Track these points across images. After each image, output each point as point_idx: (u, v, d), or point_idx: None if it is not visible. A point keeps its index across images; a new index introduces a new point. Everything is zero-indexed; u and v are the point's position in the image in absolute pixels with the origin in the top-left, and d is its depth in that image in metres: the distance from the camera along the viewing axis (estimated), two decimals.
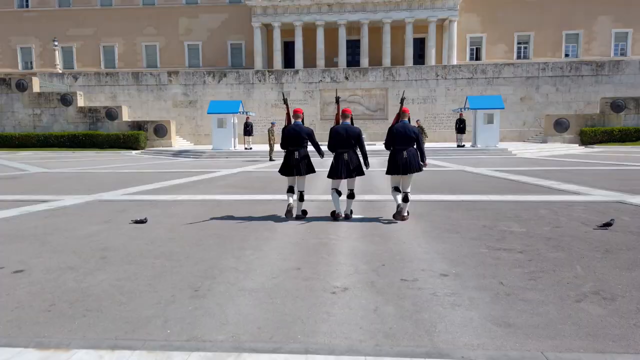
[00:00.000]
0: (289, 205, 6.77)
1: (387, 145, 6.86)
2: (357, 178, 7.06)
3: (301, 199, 7.05)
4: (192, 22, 45.74)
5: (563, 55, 42.54)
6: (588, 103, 31.64)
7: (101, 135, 29.52)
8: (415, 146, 6.80)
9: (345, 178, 6.82)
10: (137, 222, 6.70)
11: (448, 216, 7.05)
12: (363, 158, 6.94)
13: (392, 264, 4.64)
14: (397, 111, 7.10)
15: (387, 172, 6.84)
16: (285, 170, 7.01)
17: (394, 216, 6.70)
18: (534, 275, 4.25)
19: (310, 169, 7.04)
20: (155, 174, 14.80)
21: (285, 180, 7.35)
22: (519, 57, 43.00)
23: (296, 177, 7.02)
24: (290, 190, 6.97)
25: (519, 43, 43.52)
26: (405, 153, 6.65)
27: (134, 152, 28.18)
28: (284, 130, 7.10)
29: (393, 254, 5.00)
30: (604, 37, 42.22)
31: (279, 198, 9.04)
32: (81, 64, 46.56)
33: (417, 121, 20.44)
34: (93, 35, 46.66)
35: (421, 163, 6.79)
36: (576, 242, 5.45)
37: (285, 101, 7.71)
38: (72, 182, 12.41)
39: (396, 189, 6.81)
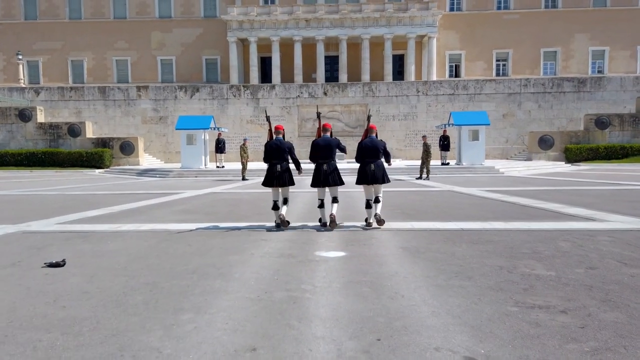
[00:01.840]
0: (280, 216, 7.30)
1: (357, 159, 7.56)
2: (338, 203, 7.62)
3: (285, 202, 7.52)
4: (165, 37, 44.27)
5: (541, 72, 42.41)
6: (570, 120, 31.13)
7: (62, 153, 27.55)
8: (382, 159, 7.56)
9: (324, 186, 7.41)
10: (51, 265, 5.14)
11: (451, 253, 5.67)
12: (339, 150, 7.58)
13: (390, 336, 3.21)
14: (370, 127, 7.76)
15: (357, 182, 7.57)
16: (268, 182, 7.48)
17: (367, 225, 7.41)
18: (601, 359, 2.87)
19: (291, 181, 7.53)
20: (110, 196, 13.15)
21: (255, 202, 7.63)
22: (497, 74, 42.70)
23: (279, 188, 7.49)
24: (275, 207, 7.43)
25: (497, 60, 43.28)
26: (373, 165, 7.33)
27: (97, 171, 26.30)
28: (266, 145, 7.58)
29: (390, 317, 3.57)
30: (582, 55, 42.29)
31: (243, 225, 7.56)
32: (48, 79, 44.50)
33: (423, 137, 19.10)
34: (61, 49, 44.74)
35: (386, 164, 7.61)
36: (627, 292, 4.11)
37: (267, 118, 8.34)
38: (6, 208, 10.68)
39: (368, 205, 7.42)
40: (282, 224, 7.30)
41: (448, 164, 23.15)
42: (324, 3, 41.79)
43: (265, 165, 7.82)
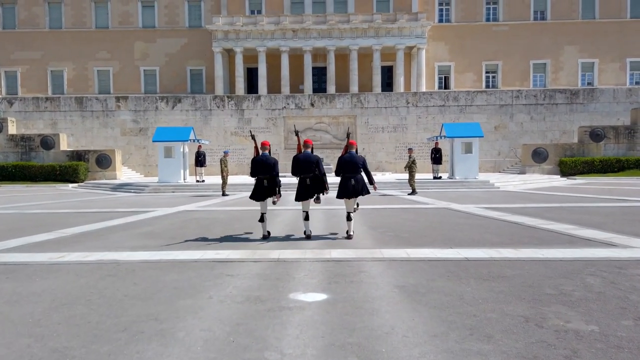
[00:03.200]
0: (265, 233, 7.88)
1: (337, 173, 7.79)
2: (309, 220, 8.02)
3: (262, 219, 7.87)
4: (148, 47, 43.08)
5: (531, 84, 41.89)
6: (564, 132, 30.44)
7: (34, 166, 26.09)
8: (362, 173, 7.76)
9: (308, 199, 7.78)
10: None
11: (459, 294, 4.55)
12: (324, 181, 7.87)
13: None
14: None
15: (338, 196, 7.76)
16: (256, 195, 7.89)
17: (347, 237, 7.71)
18: None
19: (278, 192, 7.85)
20: (71, 215, 11.87)
21: (229, 223, 8.58)
22: (487, 86, 42.11)
23: (266, 201, 7.86)
24: (262, 219, 7.82)
25: (487, 72, 42.71)
26: (353, 180, 7.58)
27: (70, 185, 24.89)
28: (253, 160, 7.99)
29: None
30: (571, 67, 41.88)
31: (210, 257, 6.37)
32: (26, 90, 42.96)
33: (409, 150, 17.83)
34: (40, 59, 43.30)
35: (370, 186, 7.89)
36: None
37: (253, 137, 8.59)
38: None
39: (349, 217, 7.67)
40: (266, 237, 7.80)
41: (440, 177, 22.16)
42: (312, 13, 40.99)
43: (248, 180, 7.93)
